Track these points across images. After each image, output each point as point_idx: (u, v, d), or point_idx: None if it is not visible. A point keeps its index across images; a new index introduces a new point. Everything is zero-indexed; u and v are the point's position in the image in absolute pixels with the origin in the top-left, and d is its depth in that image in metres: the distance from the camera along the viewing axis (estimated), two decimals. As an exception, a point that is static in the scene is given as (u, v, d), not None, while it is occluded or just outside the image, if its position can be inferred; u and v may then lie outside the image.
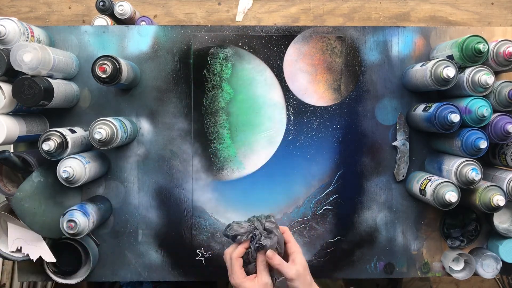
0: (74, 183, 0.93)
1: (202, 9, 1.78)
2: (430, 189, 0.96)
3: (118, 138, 0.95)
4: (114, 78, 0.94)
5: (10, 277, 1.55)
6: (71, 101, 1.04)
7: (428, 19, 1.79)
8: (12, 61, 0.88)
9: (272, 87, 1.10)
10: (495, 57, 0.96)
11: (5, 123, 0.90)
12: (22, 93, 0.89)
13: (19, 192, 0.94)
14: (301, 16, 1.79)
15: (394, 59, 1.10)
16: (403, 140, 1.10)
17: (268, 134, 1.10)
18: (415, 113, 1.05)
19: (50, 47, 0.95)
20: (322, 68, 1.10)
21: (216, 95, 1.09)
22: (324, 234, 1.12)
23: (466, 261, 1.09)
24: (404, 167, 1.10)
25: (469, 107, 0.95)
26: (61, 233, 0.95)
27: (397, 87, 1.10)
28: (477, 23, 1.79)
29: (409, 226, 1.12)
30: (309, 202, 1.12)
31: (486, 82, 0.92)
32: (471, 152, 0.95)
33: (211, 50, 1.09)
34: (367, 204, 1.12)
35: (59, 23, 1.77)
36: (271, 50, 1.09)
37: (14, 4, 1.78)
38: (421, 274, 1.12)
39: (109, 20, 1.43)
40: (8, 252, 1.02)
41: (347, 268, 1.12)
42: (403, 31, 1.10)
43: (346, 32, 1.10)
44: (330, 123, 1.10)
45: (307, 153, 1.11)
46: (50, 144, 0.90)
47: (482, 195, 0.95)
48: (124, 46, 1.08)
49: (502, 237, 1.07)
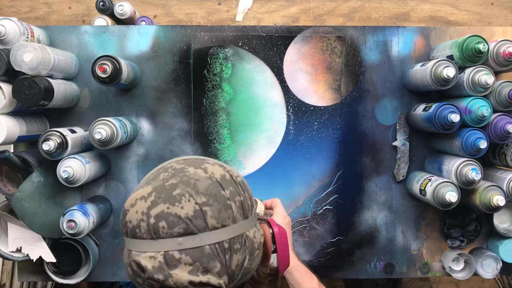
0: (74, 183, 0.93)
1: (202, 9, 1.78)
2: (430, 189, 0.96)
3: (118, 138, 0.95)
4: (114, 78, 0.94)
5: (10, 277, 1.55)
6: (71, 101, 1.04)
7: (428, 19, 1.79)
8: (12, 61, 0.88)
9: (272, 87, 1.10)
10: (495, 57, 0.96)
11: (5, 123, 0.90)
12: (22, 93, 0.89)
13: (19, 192, 0.94)
14: (301, 16, 1.79)
15: (394, 59, 1.10)
16: (403, 140, 1.09)
17: (268, 134, 1.10)
18: (415, 113, 1.05)
19: (50, 47, 0.95)
20: (322, 68, 1.10)
21: (216, 95, 1.09)
22: (324, 234, 1.12)
23: (466, 261, 1.09)
24: (404, 167, 1.10)
25: (469, 107, 0.95)
26: (61, 233, 0.95)
27: (397, 87, 1.10)
28: (477, 23, 1.79)
29: (409, 226, 1.12)
30: (309, 202, 1.11)
31: (486, 82, 0.92)
32: (471, 152, 0.95)
33: (211, 50, 1.09)
34: (367, 204, 1.12)
35: (59, 23, 1.77)
36: (271, 50, 1.09)
37: (14, 4, 1.78)
38: (421, 274, 1.12)
39: (109, 20, 1.43)
40: (8, 252, 1.02)
41: (347, 268, 1.12)
42: (403, 31, 1.10)
43: (346, 32, 1.10)
44: (330, 123, 1.10)
45: (307, 153, 1.11)
46: (50, 144, 0.90)
47: (482, 195, 0.95)
48: (124, 46, 1.08)
49: (502, 237, 1.07)
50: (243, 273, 0.45)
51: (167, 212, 0.43)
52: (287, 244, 0.55)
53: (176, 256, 0.42)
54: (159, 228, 0.43)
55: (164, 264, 0.42)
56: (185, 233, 0.43)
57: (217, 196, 0.45)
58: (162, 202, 0.44)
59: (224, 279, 0.44)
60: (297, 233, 1.11)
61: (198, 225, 0.43)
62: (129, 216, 0.46)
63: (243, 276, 0.45)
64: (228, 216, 0.45)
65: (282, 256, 0.54)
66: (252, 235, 0.47)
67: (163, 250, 0.42)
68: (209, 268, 0.43)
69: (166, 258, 0.42)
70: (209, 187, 0.46)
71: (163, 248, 0.43)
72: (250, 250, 0.46)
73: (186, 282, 0.42)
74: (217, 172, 0.48)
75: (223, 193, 0.46)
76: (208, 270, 0.43)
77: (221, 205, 0.45)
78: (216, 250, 0.43)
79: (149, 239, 0.43)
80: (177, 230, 0.43)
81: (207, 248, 0.43)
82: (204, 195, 0.45)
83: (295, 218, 1.11)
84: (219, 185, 0.46)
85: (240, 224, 0.46)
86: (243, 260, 0.45)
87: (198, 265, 0.42)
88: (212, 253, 0.43)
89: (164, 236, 0.43)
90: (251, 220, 0.48)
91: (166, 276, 0.42)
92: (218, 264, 0.43)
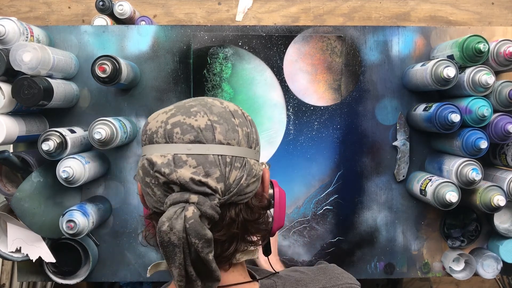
0: (74, 183, 0.93)
1: (202, 9, 1.78)
2: (431, 189, 0.96)
3: (117, 138, 0.95)
4: (114, 78, 0.94)
5: (10, 277, 1.55)
6: (71, 101, 1.04)
7: (429, 19, 1.79)
8: (12, 61, 0.88)
9: (272, 87, 1.09)
10: (495, 57, 0.96)
11: (4, 123, 0.90)
12: (21, 93, 0.89)
13: (18, 192, 0.94)
14: (301, 16, 1.79)
15: (394, 59, 1.10)
16: (403, 140, 1.09)
17: (268, 134, 1.10)
18: (416, 113, 1.05)
19: (49, 47, 0.95)
20: (322, 68, 1.09)
21: (216, 95, 1.09)
22: (324, 234, 1.12)
23: (466, 261, 1.09)
24: (404, 167, 1.10)
25: (470, 107, 0.94)
26: (60, 233, 0.95)
27: (397, 87, 1.10)
28: (478, 23, 1.79)
29: (409, 226, 1.12)
30: (309, 202, 1.11)
31: (487, 82, 0.92)
32: (472, 152, 0.95)
33: (211, 50, 1.08)
34: (367, 204, 1.12)
35: (59, 23, 1.77)
36: (271, 50, 1.09)
37: (13, 4, 1.78)
38: (422, 274, 1.12)
39: (108, 20, 1.43)
40: (7, 252, 1.02)
41: (347, 268, 1.12)
42: (403, 31, 1.09)
43: (346, 32, 1.09)
44: (330, 123, 1.10)
45: (307, 153, 1.10)
46: (49, 144, 0.90)
47: (483, 195, 0.95)
48: (124, 46, 1.08)
49: (502, 237, 1.07)
50: (238, 189, 0.50)
51: (183, 122, 0.50)
52: (284, 206, 0.62)
53: (184, 158, 0.48)
54: (173, 133, 0.50)
55: (172, 162, 0.48)
56: (195, 141, 0.49)
57: (227, 120, 0.52)
58: (180, 114, 0.51)
59: (221, 185, 0.49)
60: (297, 233, 1.11)
61: (206, 136, 0.49)
62: (150, 125, 0.53)
63: (238, 192, 0.50)
64: (234, 137, 0.51)
65: (278, 214, 0.61)
66: (253, 163, 0.53)
67: (173, 152, 0.49)
68: (210, 173, 0.48)
69: (175, 158, 0.49)
70: (222, 112, 0.52)
71: (173, 150, 0.49)
72: (248, 172, 0.51)
73: (188, 178, 0.47)
74: (231, 106, 0.55)
75: (233, 120, 0.52)
76: (208, 175, 0.48)
77: (230, 127, 0.51)
78: (219, 161, 0.49)
79: (163, 143, 0.50)
80: (188, 136, 0.49)
81: (211, 156, 0.49)
82: (216, 116, 0.51)
83: (295, 218, 1.11)
84: (231, 114, 0.53)
85: (243, 149, 0.52)
86: (241, 177, 0.50)
87: (201, 168, 0.48)
88: (214, 162, 0.49)
89: (177, 141, 0.49)
90: (254, 153, 0.54)
91: (171, 170, 0.48)
92: (218, 172, 0.49)
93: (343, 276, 0.61)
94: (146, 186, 0.51)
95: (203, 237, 0.46)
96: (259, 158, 0.56)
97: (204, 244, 0.46)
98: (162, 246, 0.46)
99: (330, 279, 0.60)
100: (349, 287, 0.59)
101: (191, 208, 0.46)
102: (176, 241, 0.45)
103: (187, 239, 0.46)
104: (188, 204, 0.47)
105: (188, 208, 0.46)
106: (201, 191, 0.48)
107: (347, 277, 0.62)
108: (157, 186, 0.50)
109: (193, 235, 0.45)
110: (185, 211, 0.46)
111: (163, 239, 0.46)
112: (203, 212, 0.47)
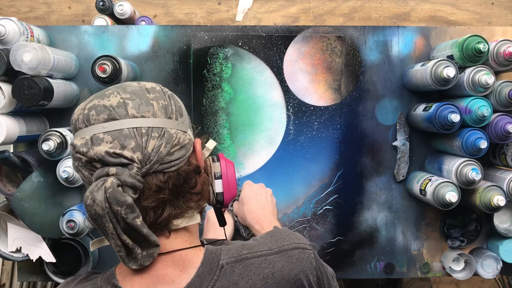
0: (74, 183, 0.93)
1: (202, 9, 1.78)
2: (430, 189, 0.96)
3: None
4: (114, 78, 0.94)
5: (10, 277, 1.55)
6: (71, 101, 1.04)
7: (428, 19, 1.78)
8: (12, 61, 0.88)
9: (272, 87, 1.09)
10: (495, 57, 0.96)
11: (5, 123, 0.90)
12: (22, 93, 0.89)
13: (19, 192, 0.94)
14: (301, 16, 1.79)
15: (394, 59, 1.10)
16: (403, 140, 1.09)
17: (268, 134, 1.10)
18: (415, 113, 1.05)
19: (50, 47, 0.95)
20: (322, 68, 1.10)
21: (216, 95, 1.09)
22: (324, 234, 1.12)
23: (466, 261, 1.09)
24: (404, 167, 1.10)
25: (469, 107, 0.94)
26: (61, 233, 0.95)
27: (397, 87, 1.10)
28: (478, 23, 1.79)
29: (409, 226, 1.12)
30: (309, 202, 1.11)
31: (486, 82, 0.92)
32: (471, 152, 0.95)
33: (211, 50, 1.08)
34: (367, 204, 1.12)
35: (59, 23, 1.77)
36: (271, 50, 1.09)
37: (14, 4, 1.78)
38: (421, 274, 1.12)
39: (109, 20, 1.43)
40: (8, 252, 1.02)
41: (347, 268, 1.12)
42: (403, 31, 1.10)
43: (346, 32, 1.09)
44: (330, 123, 1.10)
45: (307, 153, 1.11)
46: (50, 144, 0.90)
47: (482, 195, 0.95)
48: (124, 46, 1.08)
49: (502, 237, 1.07)
50: (158, 156, 0.52)
51: (97, 104, 0.53)
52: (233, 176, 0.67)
53: (101, 136, 0.51)
54: (90, 116, 0.53)
55: (90, 141, 0.51)
56: (109, 119, 0.52)
57: (141, 95, 0.54)
58: (96, 98, 0.54)
59: (137, 154, 0.51)
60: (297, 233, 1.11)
61: (119, 113, 0.52)
62: (73, 115, 0.55)
63: (159, 160, 0.52)
64: (148, 110, 0.53)
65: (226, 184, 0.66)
66: (174, 133, 0.55)
67: (92, 133, 0.52)
68: (125, 145, 0.51)
69: (93, 138, 0.51)
70: (136, 90, 0.55)
71: (92, 132, 0.52)
72: (167, 141, 0.53)
73: (103, 152, 0.50)
74: (149, 85, 0.57)
75: (147, 95, 0.55)
76: (124, 147, 0.51)
77: (143, 101, 0.54)
78: (134, 133, 0.52)
79: (84, 128, 0.53)
80: (102, 116, 0.52)
81: (125, 130, 0.52)
82: (129, 93, 0.54)
83: (295, 218, 1.11)
84: (146, 90, 0.56)
85: (160, 120, 0.54)
86: (160, 146, 0.52)
87: (116, 142, 0.51)
88: (129, 134, 0.51)
89: (94, 123, 0.52)
90: (175, 124, 0.56)
91: (88, 148, 0.51)
92: (133, 143, 0.51)
93: (290, 237, 0.61)
94: (77, 171, 0.55)
95: (124, 203, 0.48)
96: (187, 128, 0.58)
97: (127, 210, 0.49)
98: (92, 219, 0.49)
99: (277, 240, 0.60)
100: (296, 246, 0.59)
101: (110, 179, 0.49)
102: (100, 211, 0.48)
103: (110, 208, 0.48)
104: (108, 176, 0.50)
105: (107, 180, 0.49)
106: (118, 163, 0.50)
107: (294, 237, 0.62)
108: (83, 167, 0.53)
109: (114, 203, 0.48)
110: (105, 183, 0.49)
111: (90, 212, 0.49)
112: (122, 181, 0.49)
